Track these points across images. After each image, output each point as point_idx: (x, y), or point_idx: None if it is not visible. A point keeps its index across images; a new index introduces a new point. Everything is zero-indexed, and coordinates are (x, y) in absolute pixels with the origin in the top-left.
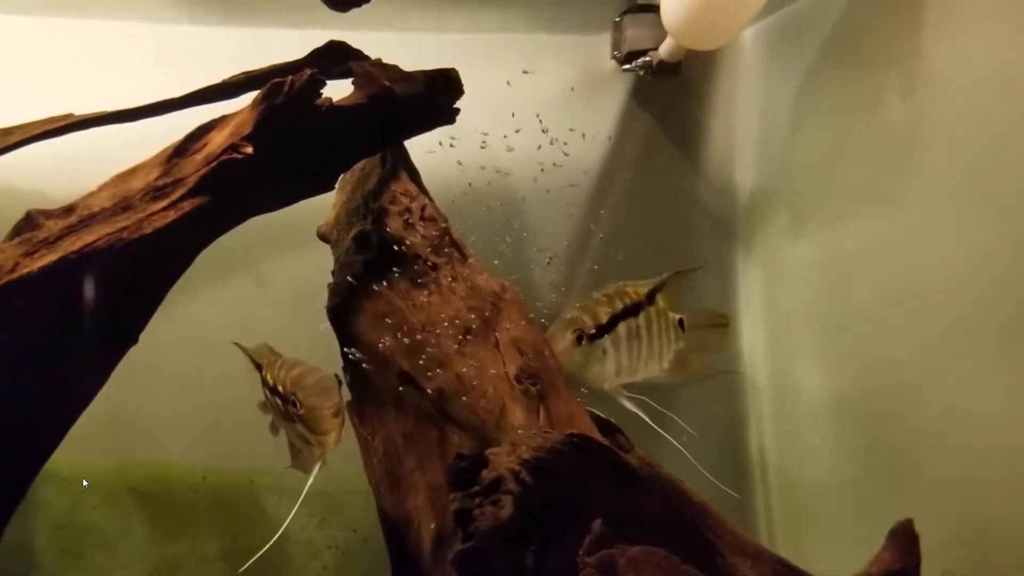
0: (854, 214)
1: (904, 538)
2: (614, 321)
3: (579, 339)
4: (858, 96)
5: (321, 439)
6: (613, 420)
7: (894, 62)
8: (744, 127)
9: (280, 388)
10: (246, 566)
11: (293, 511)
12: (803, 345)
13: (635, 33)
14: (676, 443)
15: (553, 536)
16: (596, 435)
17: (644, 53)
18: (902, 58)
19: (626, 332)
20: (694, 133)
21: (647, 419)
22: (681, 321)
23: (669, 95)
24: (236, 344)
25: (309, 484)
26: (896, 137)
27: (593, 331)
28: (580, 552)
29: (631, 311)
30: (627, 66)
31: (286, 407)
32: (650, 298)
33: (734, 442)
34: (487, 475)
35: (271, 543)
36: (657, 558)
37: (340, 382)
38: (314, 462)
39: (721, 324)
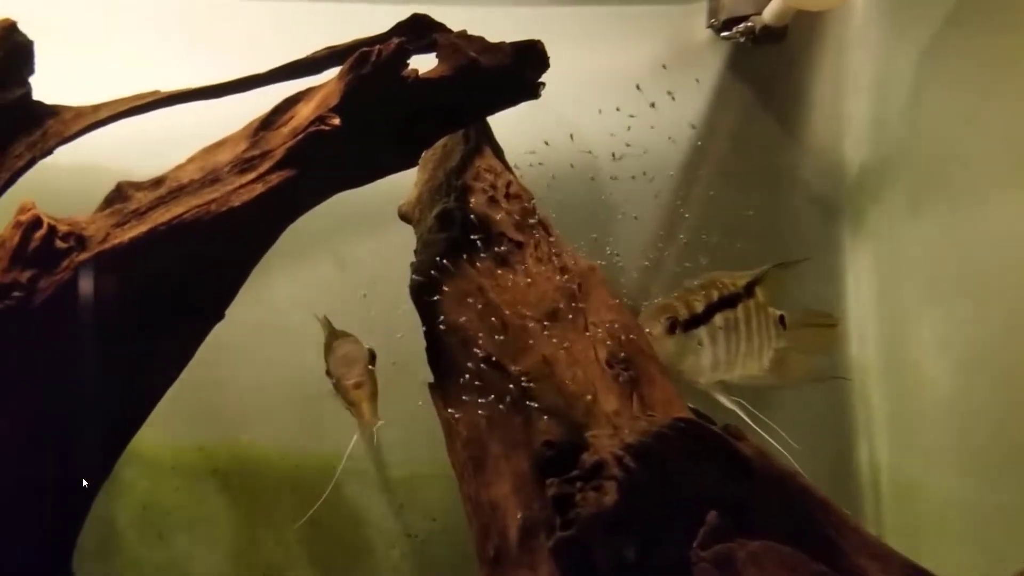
0: (985, 193)
1: None
2: (710, 311)
3: (672, 327)
4: (991, 62)
5: (353, 410)
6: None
7: None
8: (855, 98)
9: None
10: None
11: (333, 479)
12: (924, 345)
13: None
14: (780, 448)
15: (658, 528)
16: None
17: (745, 19)
18: None
19: (723, 324)
20: (798, 106)
21: (747, 419)
22: (782, 318)
23: (771, 65)
24: (319, 317)
25: (346, 455)
26: None
27: (688, 320)
28: (694, 545)
29: (728, 302)
30: (725, 33)
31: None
32: (748, 290)
33: (841, 453)
34: (588, 459)
35: (316, 505)
36: (781, 555)
37: (374, 356)
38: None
39: (828, 324)
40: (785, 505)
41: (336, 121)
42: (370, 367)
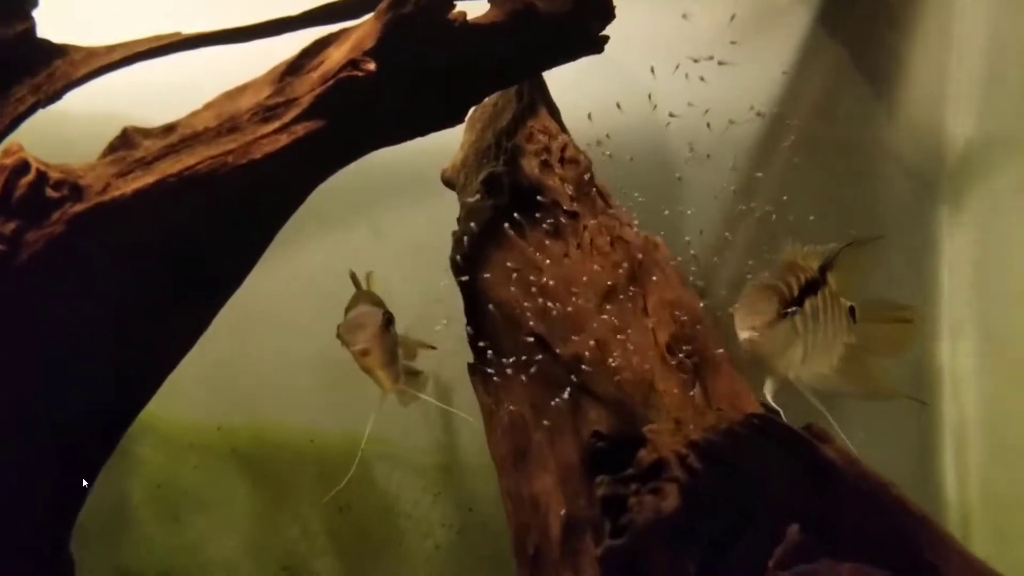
0: None
1: None
2: (802, 296)
3: (785, 312)
4: None
5: (372, 376)
6: None
7: None
8: (960, 62)
9: None
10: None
11: (357, 458)
12: None
13: None
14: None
15: (726, 541)
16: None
17: None
18: None
19: (811, 311)
20: (893, 70)
21: (835, 424)
22: (852, 309)
23: (864, 22)
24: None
25: (367, 431)
26: None
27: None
28: (770, 564)
29: (812, 287)
30: None
31: None
32: (821, 275)
33: (923, 482)
34: (646, 456)
35: (340, 486)
36: None
37: (390, 319)
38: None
39: (903, 319)
40: (878, 521)
41: (371, 66)
42: (386, 332)
